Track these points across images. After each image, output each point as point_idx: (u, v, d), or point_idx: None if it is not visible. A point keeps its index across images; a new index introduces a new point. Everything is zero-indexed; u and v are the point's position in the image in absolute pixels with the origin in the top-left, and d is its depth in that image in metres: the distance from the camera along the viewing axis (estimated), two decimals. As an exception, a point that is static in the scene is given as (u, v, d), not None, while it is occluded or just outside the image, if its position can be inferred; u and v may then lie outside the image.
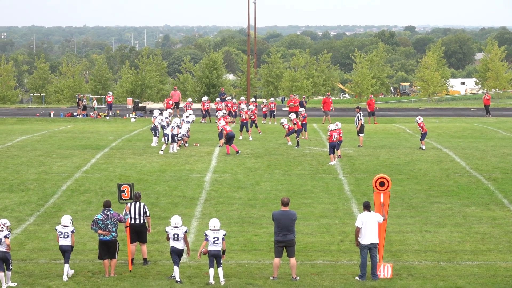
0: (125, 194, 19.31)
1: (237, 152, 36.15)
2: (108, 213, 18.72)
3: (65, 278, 18.33)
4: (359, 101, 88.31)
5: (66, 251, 18.64)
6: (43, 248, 21.10)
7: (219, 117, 40.39)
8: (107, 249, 18.63)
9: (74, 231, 18.83)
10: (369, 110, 53.57)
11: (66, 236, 18.67)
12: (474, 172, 31.80)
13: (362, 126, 39.19)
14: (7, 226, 18.12)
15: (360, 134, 39.25)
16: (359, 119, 39.19)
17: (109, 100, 62.30)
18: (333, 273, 18.68)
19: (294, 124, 39.26)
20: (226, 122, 39.11)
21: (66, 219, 18.81)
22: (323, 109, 55.34)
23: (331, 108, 54.52)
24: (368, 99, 55.19)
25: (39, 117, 60.64)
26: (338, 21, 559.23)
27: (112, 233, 18.63)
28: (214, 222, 18.15)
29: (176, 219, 18.41)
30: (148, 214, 19.67)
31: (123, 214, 19.29)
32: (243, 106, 43.72)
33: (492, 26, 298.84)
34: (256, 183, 29.74)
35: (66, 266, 18.52)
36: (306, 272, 18.76)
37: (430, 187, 28.86)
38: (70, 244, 18.69)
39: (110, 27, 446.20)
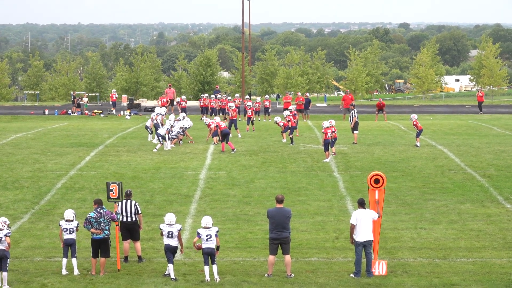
0: (113, 193, 19.22)
1: (233, 150, 36.14)
2: (102, 211, 18.70)
3: (76, 272, 18.48)
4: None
5: (72, 245, 18.69)
6: (38, 245, 21.09)
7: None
8: (99, 247, 18.63)
9: (79, 225, 18.86)
10: (377, 109, 53.58)
11: (71, 232, 18.70)
12: (468, 169, 31.85)
13: (356, 123, 39.21)
14: (8, 224, 18.11)
15: (355, 131, 39.28)
16: (354, 116, 39.22)
17: (113, 98, 61.73)
18: (328, 270, 18.70)
19: (288, 121, 39.26)
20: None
21: (69, 213, 18.82)
22: (342, 107, 55.39)
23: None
24: (377, 102, 54.96)
25: (34, 115, 60.59)
26: (332, 18, 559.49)
27: (104, 231, 18.62)
28: (206, 220, 18.15)
29: (170, 217, 18.40)
30: (139, 212, 19.63)
31: (115, 213, 19.29)
32: (230, 104, 43.64)
33: (487, 23, 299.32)
34: (250, 180, 29.74)
35: (74, 260, 18.64)
36: (301, 269, 18.77)
37: (424, 184, 28.90)
38: (75, 238, 18.74)
39: (104, 25, 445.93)
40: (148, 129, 39.94)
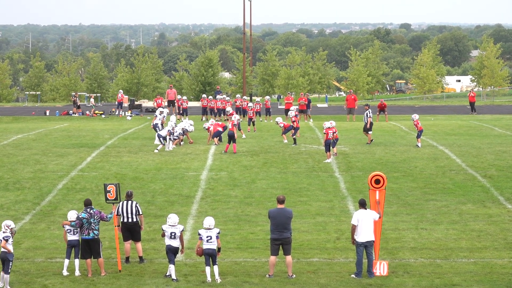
0: (111, 194, 19.19)
1: (234, 153, 36.11)
2: (91, 211, 18.71)
3: (77, 273, 18.52)
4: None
5: (75, 246, 18.71)
6: (39, 246, 21.08)
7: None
8: (89, 248, 18.61)
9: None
10: (379, 109, 53.60)
11: (75, 233, 18.72)
12: (469, 170, 31.84)
13: (371, 124, 39.16)
14: (11, 228, 18.00)
15: (369, 132, 39.18)
16: (368, 116, 39.15)
17: (119, 98, 61.18)
18: (329, 271, 18.70)
19: (293, 121, 39.21)
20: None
21: (72, 214, 18.81)
22: (345, 107, 55.34)
23: (355, 106, 54.29)
24: (379, 102, 55.01)
25: (35, 116, 60.59)
26: (333, 19, 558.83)
27: (94, 231, 18.61)
28: (208, 221, 18.14)
29: (173, 218, 18.39)
30: (140, 213, 19.60)
31: (109, 213, 19.29)
32: (228, 108, 43.47)
33: (488, 24, 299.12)
34: (252, 181, 29.74)
35: (77, 261, 18.67)
36: (302, 270, 18.77)
37: (426, 185, 28.89)
38: (79, 239, 18.76)
39: (105, 26, 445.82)
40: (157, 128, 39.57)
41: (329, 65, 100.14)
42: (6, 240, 17.68)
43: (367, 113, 39.44)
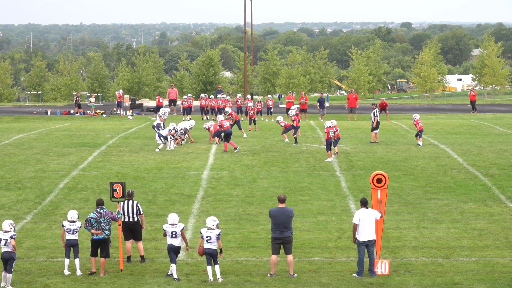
0: (117, 193, 19.23)
1: (235, 148, 36.13)
2: (102, 211, 18.73)
3: (78, 272, 18.57)
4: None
5: (74, 246, 18.76)
6: (41, 246, 21.10)
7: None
8: (99, 247, 18.66)
9: (81, 226, 18.91)
10: (380, 108, 53.64)
11: (74, 232, 18.75)
12: (471, 168, 31.83)
13: (378, 123, 39.13)
14: (14, 227, 18.10)
15: (375, 131, 39.15)
16: (375, 115, 39.11)
17: (118, 97, 61.04)
18: (331, 270, 18.70)
19: (293, 120, 39.21)
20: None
21: (73, 214, 18.85)
22: (347, 106, 55.29)
23: (357, 105, 54.29)
24: (380, 101, 55.09)
25: (36, 115, 60.61)
26: (334, 18, 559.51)
27: (105, 231, 18.65)
28: (209, 222, 18.13)
29: (173, 217, 18.41)
30: (141, 212, 19.64)
31: (116, 213, 19.32)
32: (226, 109, 43.49)
33: (489, 22, 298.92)
34: (253, 180, 29.74)
35: (77, 260, 18.73)
36: (303, 269, 18.77)
37: (427, 184, 28.88)
38: (77, 238, 18.79)
39: (106, 25, 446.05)
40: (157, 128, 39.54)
41: (330, 64, 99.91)
42: (14, 239, 17.77)
43: (374, 112, 39.38)
